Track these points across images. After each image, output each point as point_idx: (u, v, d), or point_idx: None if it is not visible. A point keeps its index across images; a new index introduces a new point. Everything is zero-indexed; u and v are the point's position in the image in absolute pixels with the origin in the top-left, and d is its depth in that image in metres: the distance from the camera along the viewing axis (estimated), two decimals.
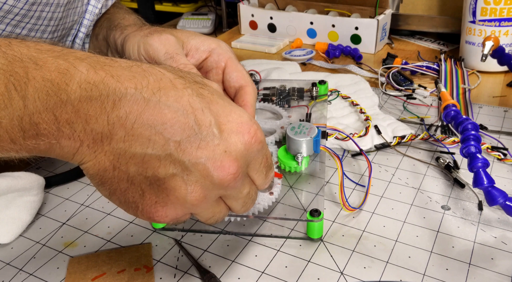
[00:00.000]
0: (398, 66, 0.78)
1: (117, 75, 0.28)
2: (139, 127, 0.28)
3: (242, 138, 0.30)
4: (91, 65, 0.28)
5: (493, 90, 0.73)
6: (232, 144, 0.30)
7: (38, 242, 0.45)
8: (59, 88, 0.26)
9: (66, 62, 0.27)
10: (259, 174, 0.34)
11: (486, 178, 0.44)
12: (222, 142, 0.29)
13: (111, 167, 0.29)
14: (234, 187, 0.31)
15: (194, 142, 0.29)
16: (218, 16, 1.28)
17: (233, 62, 0.45)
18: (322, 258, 0.41)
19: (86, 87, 0.27)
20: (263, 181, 0.34)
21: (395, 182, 0.51)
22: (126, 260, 0.42)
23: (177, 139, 0.28)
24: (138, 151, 0.28)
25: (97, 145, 0.28)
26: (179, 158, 0.28)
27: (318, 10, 0.98)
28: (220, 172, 0.29)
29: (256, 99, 0.44)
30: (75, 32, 0.56)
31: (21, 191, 0.45)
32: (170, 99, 0.29)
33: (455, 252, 0.41)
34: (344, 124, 0.61)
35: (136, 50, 0.45)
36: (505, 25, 0.74)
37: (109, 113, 0.27)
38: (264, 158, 0.33)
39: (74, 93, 0.27)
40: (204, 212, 0.32)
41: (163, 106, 0.28)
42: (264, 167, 0.34)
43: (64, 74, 0.26)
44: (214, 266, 0.41)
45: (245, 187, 0.33)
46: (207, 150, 0.29)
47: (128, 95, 0.28)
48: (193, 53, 0.45)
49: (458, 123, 0.50)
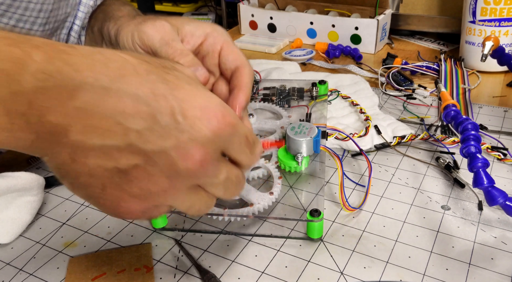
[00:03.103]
0: (398, 66, 0.78)
1: (75, 63, 0.26)
2: (97, 118, 0.26)
3: (208, 123, 0.28)
4: (48, 53, 0.26)
5: (493, 90, 0.73)
6: (197, 131, 0.28)
7: (38, 242, 0.45)
8: (11, 79, 0.25)
9: (20, 51, 0.25)
10: (242, 155, 0.32)
11: (486, 178, 0.44)
12: (187, 130, 0.28)
13: (69, 160, 0.27)
14: (205, 174, 0.29)
15: (156, 131, 0.27)
16: (218, 16, 1.28)
17: (229, 45, 0.44)
18: (322, 258, 0.41)
19: (40, 77, 0.25)
20: (249, 159, 0.33)
21: (395, 182, 0.51)
22: (126, 260, 0.42)
23: (138, 129, 0.27)
24: (97, 143, 0.27)
25: (53, 138, 0.26)
26: (141, 148, 0.27)
27: (318, 10, 0.98)
28: (186, 161, 0.28)
29: (253, 81, 0.43)
30: (70, 25, 0.55)
31: (21, 191, 0.45)
32: (131, 86, 0.27)
33: (455, 252, 0.42)
34: (344, 124, 0.61)
35: (131, 39, 0.44)
36: (505, 25, 0.74)
37: (65, 104, 0.26)
38: (243, 138, 0.31)
39: (28, 83, 0.25)
40: (180, 203, 0.31)
41: (123, 95, 0.27)
42: (246, 146, 0.32)
43: (17, 63, 0.25)
44: (214, 266, 0.41)
45: (221, 172, 0.30)
46: (170, 138, 0.27)
47: (86, 85, 0.26)
48: (189, 38, 0.44)
49: (458, 123, 0.50)
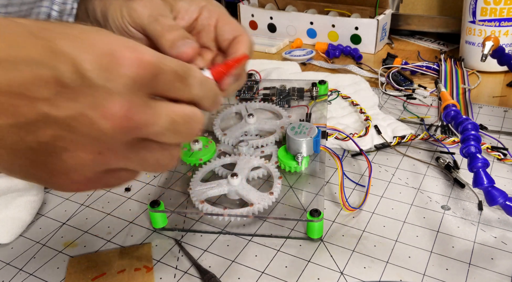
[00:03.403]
0: (398, 66, 0.78)
1: None
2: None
3: (121, 70, 0.25)
4: None
5: (493, 90, 0.73)
6: (111, 81, 0.25)
7: (38, 242, 0.45)
8: None
9: None
10: (178, 92, 0.28)
11: (486, 178, 0.44)
12: (98, 83, 0.25)
13: None
14: (138, 126, 0.26)
15: (65, 94, 0.24)
16: None
17: (225, 16, 0.42)
18: (322, 258, 0.41)
19: None
20: (189, 93, 0.29)
21: (395, 182, 0.51)
22: (126, 260, 0.42)
23: (46, 96, 0.24)
24: (7, 122, 0.24)
25: None
26: (55, 116, 0.24)
27: (318, 10, 0.98)
28: (107, 118, 0.25)
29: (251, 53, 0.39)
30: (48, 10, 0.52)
31: (21, 191, 0.45)
32: (25, 52, 0.24)
33: (455, 252, 0.42)
34: (344, 124, 0.61)
35: (120, 16, 0.43)
36: (505, 25, 0.74)
37: None
38: (171, 75, 0.27)
39: None
40: (131, 163, 0.28)
41: (19, 63, 0.24)
42: (179, 81, 0.28)
43: None
44: (214, 266, 0.41)
45: (160, 117, 0.27)
46: (83, 98, 0.24)
47: None
48: (183, 14, 0.42)
49: (458, 123, 0.50)
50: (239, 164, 0.49)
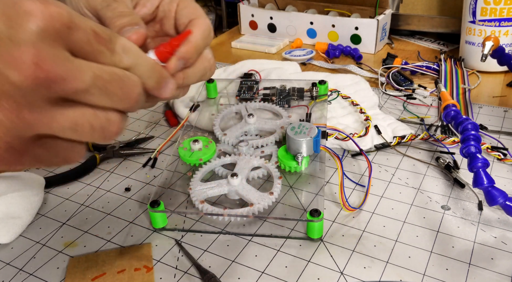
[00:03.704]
0: (398, 66, 0.78)
1: None
2: None
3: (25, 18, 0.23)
4: None
5: (493, 90, 0.73)
6: (14, 30, 0.23)
7: (38, 242, 0.45)
8: None
9: None
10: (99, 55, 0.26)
11: (486, 178, 0.44)
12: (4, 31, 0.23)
13: None
14: (56, 79, 0.24)
15: None
16: (218, 16, 1.28)
17: (185, 1, 0.39)
18: (322, 258, 0.41)
19: None
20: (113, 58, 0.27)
21: (395, 182, 0.51)
22: (126, 260, 0.42)
23: None
24: None
25: None
26: None
27: (318, 10, 0.98)
28: (16, 68, 0.23)
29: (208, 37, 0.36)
30: None
31: (21, 191, 0.45)
32: None
33: (455, 252, 0.42)
34: (344, 124, 0.61)
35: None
36: (505, 25, 0.74)
37: None
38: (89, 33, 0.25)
39: None
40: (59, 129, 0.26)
41: None
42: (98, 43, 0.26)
43: None
44: (214, 266, 0.41)
45: (85, 73, 0.25)
46: None
47: None
48: (144, 1, 0.40)
49: (458, 123, 0.50)
50: (239, 164, 0.49)
